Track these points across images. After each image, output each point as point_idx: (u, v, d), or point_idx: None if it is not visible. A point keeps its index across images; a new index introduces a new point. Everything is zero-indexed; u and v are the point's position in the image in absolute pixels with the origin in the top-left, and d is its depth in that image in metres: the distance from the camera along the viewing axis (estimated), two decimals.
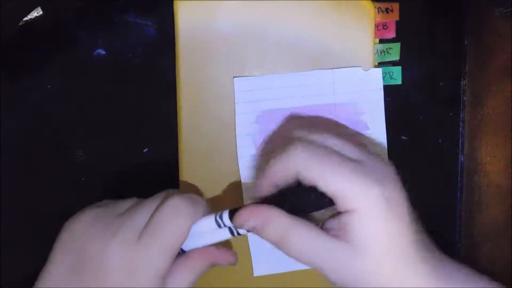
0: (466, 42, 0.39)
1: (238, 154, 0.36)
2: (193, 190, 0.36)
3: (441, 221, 0.40)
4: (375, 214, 0.26)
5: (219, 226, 0.28)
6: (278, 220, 0.27)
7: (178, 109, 0.36)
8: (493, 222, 0.38)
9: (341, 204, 0.27)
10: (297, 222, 0.27)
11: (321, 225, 0.29)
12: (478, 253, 0.39)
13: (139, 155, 0.37)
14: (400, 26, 0.38)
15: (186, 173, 0.36)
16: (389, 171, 0.29)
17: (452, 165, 0.40)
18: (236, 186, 0.37)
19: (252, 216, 0.28)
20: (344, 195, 0.27)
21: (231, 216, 0.28)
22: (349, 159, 0.28)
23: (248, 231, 0.28)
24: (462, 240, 0.40)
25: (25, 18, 0.35)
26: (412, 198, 0.28)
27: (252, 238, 0.37)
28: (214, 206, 0.37)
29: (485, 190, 0.38)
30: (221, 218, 0.28)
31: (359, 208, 0.26)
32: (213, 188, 0.36)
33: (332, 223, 0.28)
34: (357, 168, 0.27)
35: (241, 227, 0.28)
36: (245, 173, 0.36)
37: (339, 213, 0.27)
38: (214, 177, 0.37)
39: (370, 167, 0.28)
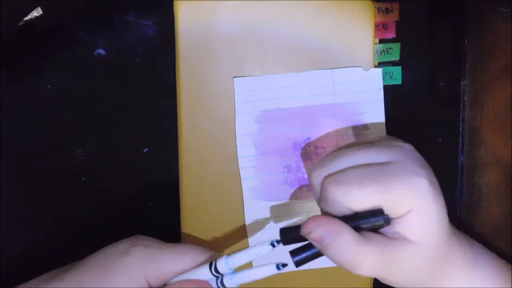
0: (466, 42, 0.39)
1: (238, 154, 0.36)
2: (193, 193, 0.36)
3: None
4: (429, 204, 0.27)
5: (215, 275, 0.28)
6: (346, 238, 0.26)
7: (178, 109, 0.36)
8: (493, 222, 0.38)
9: (396, 212, 0.27)
10: (365, 240, 0.26)
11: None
12: None
13: (139, 155, 0.37)
14: (400, 26, 0.38)
15: (186, 173, 0.36)
16: (411, 149, 0.29)
17: (452, 165, 0.40)
18: (236, 186, 0.37)
19: (322, 226, 0.26)
20: (395, 204, 0.26)
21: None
22: (376, 167, 0.27)
23: (312, 241, 0.27)
24: None
25: (25, 18, 0.35)
26: None
27: (252, 237, 0.37)
28: (214, 206, 0.37)
29: (485, 190, 0.38)
30: (216, 269, 0.28)
31: (413, 208, 0.26)
32: (213, 188, 0.36)
33: (387, 231, 0.27)
34: (392, 170, 0.27)
35: (308, 235, 0.27)
36: (245, 173, 0.36)
37: (387, 222, 0.27)
38: (214, 177, 0.37)
39: (400, 160, 0.28)
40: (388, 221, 0.27)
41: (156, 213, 0.37)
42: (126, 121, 0.37)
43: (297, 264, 0.27)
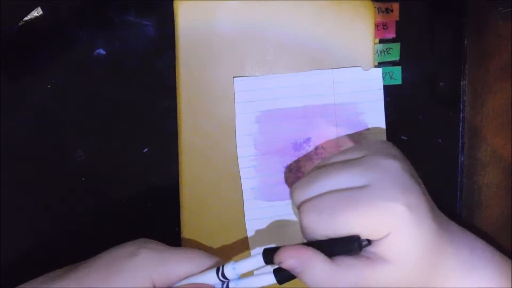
0: (466, 42, 0.39)
1: (238, 154, 0.36)
2: (193, 193, 0.36)
3: None
4: (407, 229, 0.27)
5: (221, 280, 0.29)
6: (318, 267, 0.27)
7: (178, 109, 0.36)
8: (493, 222, 0.38)
9: (374, 236, 0.27)
10: (338, 266, 0.27)
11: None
12: None
13: (139, 155, 0.37)
14: (400, 26, 0.38)
15: (186, 173, 0.36)
16: (394, 168, 0.29)
17: (452, 165, 0.40)
18: (236, 186, 0.37)
19: (292, 257, 0.27)
20: (372, 229, 0.27)
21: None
22: (350, 193, 0.28)
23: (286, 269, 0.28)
24: None
25: (25, 18, 0.35)
26: None
27: (252, 237, 0.37)
28: (214, 206, 0.37)
29: (485, 190, 0.38)
30: (223, 275, 0.29)
31: (391, 232, 0.27)
32: (213, 188, 0.36)
33: (367, 252, 0.28)
34: (368, 195, 0.27)
35: (279, 264, 0.28)
36: (245, 173, 0.36)
37: (369, 243, 0.27)
38: (214, 177, 0.37)
39: (377, 183, 0.28)
40: (362, 246, 0.27)
41: (156, 213, 0.37)
42: (126, 121, 0.37)
43: (280, 282, 0.28)
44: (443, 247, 0.29)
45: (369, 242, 0.27)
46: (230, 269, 0.28)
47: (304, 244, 0.29)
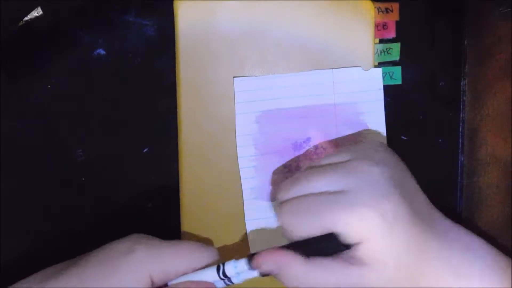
0: (466, 42, 0.39)
1: (238, 154, 0.36)
2: (193, 193, 0.36)
3: None
4: (381, 237, 0.27)
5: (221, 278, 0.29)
6: (294, 269, 0.27)
7: (178, 109, 0.36)
8: (493, 222, 0.38)
9: (350, 241, 0.27)
10: (314, 267, 0.27)
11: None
12: None
13: (139, 155, 0.37)
14: (400, 26, 0.38)
15: (186, 173, 0.36)
16: (376, 174, 0.28)
17: (452, 165, 0.40)
18: (236, 186, 0.37)
19: (267, 261, 0.28)
20: (347, 234, 0.27)
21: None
22: (327, 197, 0.28)
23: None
24: None
25: (25, 18, 0.35)
26: None
27: (252, 237, 0.37)
28: (214, 206, 0.37)
29: (485, 190, 0.38)
30: (224, 273, 0.29)
31: (365, 239, 0.27)
32: (213, 188, 0.36)
33: (346, 255, 0.28)
34: (344, 200, 0.27)
35: (257, 269, 0.29)
36: (245, 173, 0.36)
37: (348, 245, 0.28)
38: (214, 177, 0.37)
39: (355, 189, 0.28)
40: (341, 244, 0.27)
41: (156, 213, 0.37)
42: (126, 121, 0.37)
43: (262, 275, 0.29)
44: (429, 251, 0.28)
45: (348, 246, 0.27)
46: (231, 268, 0.29)
47: (283, 246, 0.29)
